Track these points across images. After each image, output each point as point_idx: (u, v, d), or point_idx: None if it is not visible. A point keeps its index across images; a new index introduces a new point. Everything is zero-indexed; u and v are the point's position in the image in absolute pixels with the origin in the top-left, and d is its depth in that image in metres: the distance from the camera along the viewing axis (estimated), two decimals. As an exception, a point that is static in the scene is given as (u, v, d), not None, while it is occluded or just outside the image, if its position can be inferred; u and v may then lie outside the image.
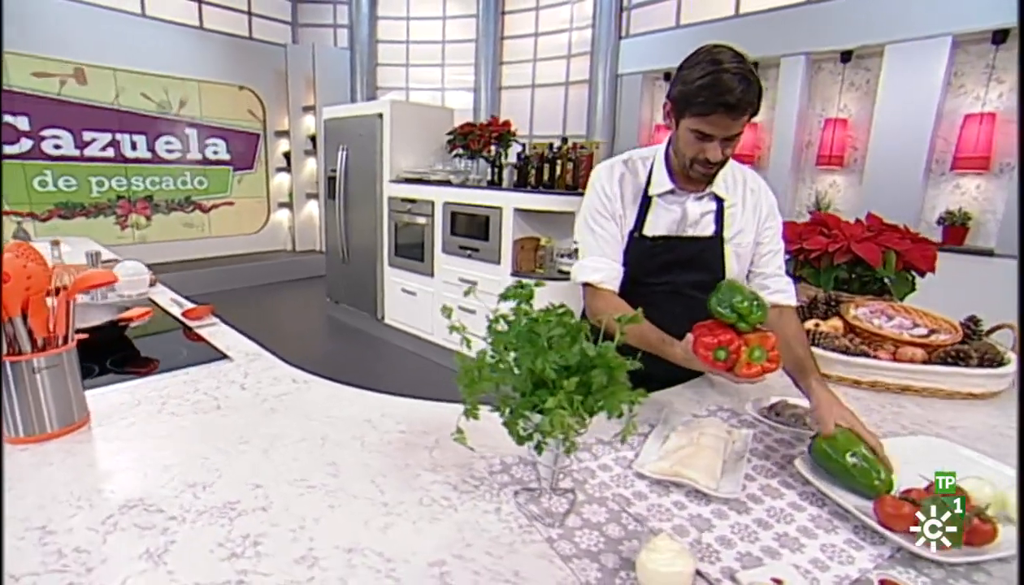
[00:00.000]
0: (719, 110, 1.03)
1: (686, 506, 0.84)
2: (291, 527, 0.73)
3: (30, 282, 0.86)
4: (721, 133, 1.08)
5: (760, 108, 1.11)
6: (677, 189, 1.24)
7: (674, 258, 1.26)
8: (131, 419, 1.02)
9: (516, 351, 0.70)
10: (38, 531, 0.70)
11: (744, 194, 1.27)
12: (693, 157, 1.13)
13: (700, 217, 1.25)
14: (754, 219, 1.27)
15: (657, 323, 1.10)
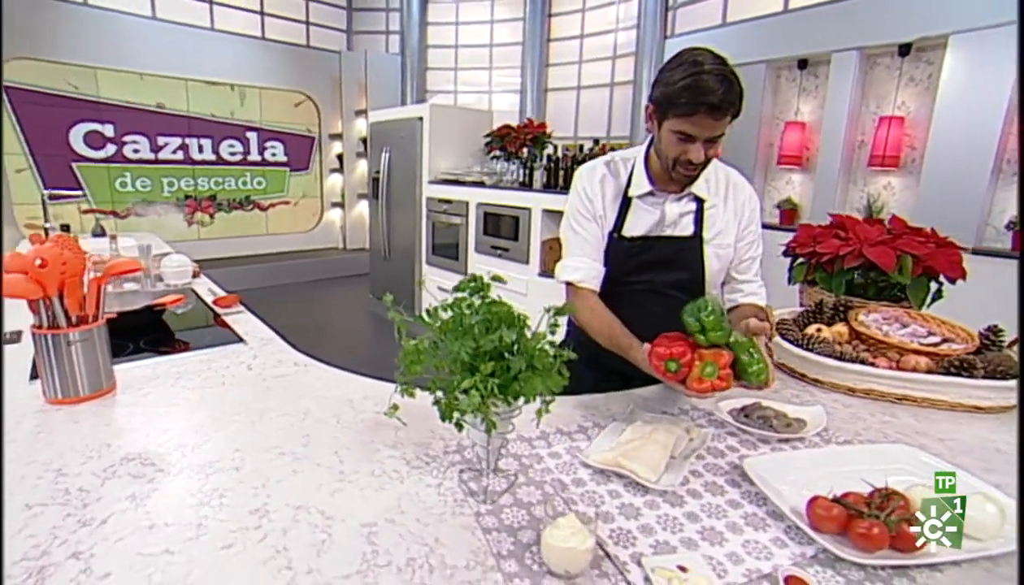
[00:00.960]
0: (701, 110, 1.05)
1: (621, 495, 0.88)
2: (254, 485, 0.83)
3: (65, 268, 1.02)
4: (703, 134, 1.09)
5: (741, 110, 1.13)
6: (656, 190, 1.25)
7: (653, 258, 1.28)
8: (148, 390, 1.17)
9: (448, 337, 0.77)
10: (54, 473, 0.84)
11: (726, 194, 1.28)
12: (676, 158, 1.14)
13: (679, 217, 1.26)
14: (735, 220, 1.28)
15: (637, 322, 1.15)
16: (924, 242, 1.71)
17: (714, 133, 1.11)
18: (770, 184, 4.97)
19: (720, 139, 1.14)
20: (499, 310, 0.77)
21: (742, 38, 4.77)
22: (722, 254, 1.28)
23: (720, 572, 0.72)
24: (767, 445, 1.08)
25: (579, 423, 1.11)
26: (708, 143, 1.12)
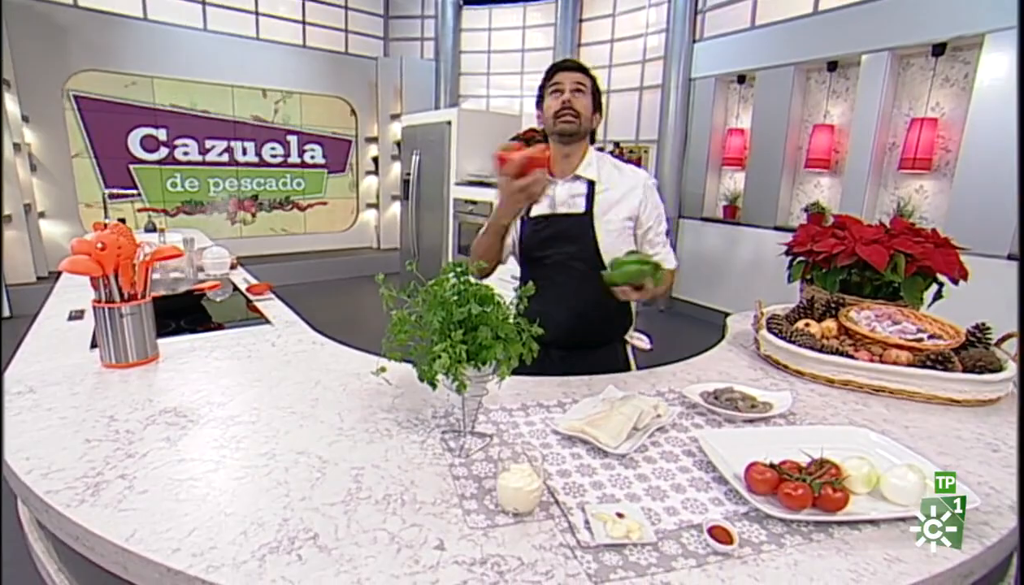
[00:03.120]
0: (561, 66, 1.45)
1: (582, 457, 0.99)
2: (266, 434, 0.98)
3: (120, 251, 1.20)
4: (567, 81, 1.42)
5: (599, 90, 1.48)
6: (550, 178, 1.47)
7: (552, 233, 1.50)
8: (186, 359, 1.35)
9: (426, 309, 0.90)
10: (107, 418, 1.02)
11: (618, 181, 1.50)
12: (556, 111, 1.43)
13: (571, 198, 1.49)
14: (628, 204, 1.49)
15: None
16: (920, 242, 1.73)
17: (575, 80, 1.43)
18: (798, 187, 4.91)
19: (584, 91, 1.44)
20: (474, 289, 0.90)
21: (771, 41, 4.75)
22: (612, 230, 1.47)
23: (654, 520, 0.82)
24: (732, 425, 1.17)
25: (559, 399, 1.22)
26: (575, 92, 1.42)
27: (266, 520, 0.75)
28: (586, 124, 1.45)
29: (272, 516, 0.76)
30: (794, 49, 4.58)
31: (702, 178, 5.52)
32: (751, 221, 5.06)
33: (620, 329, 1.64)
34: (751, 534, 0.80)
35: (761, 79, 4.89)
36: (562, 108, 1.41)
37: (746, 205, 5.15)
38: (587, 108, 1.44)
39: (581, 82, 1.43)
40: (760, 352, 1.62)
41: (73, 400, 1.09)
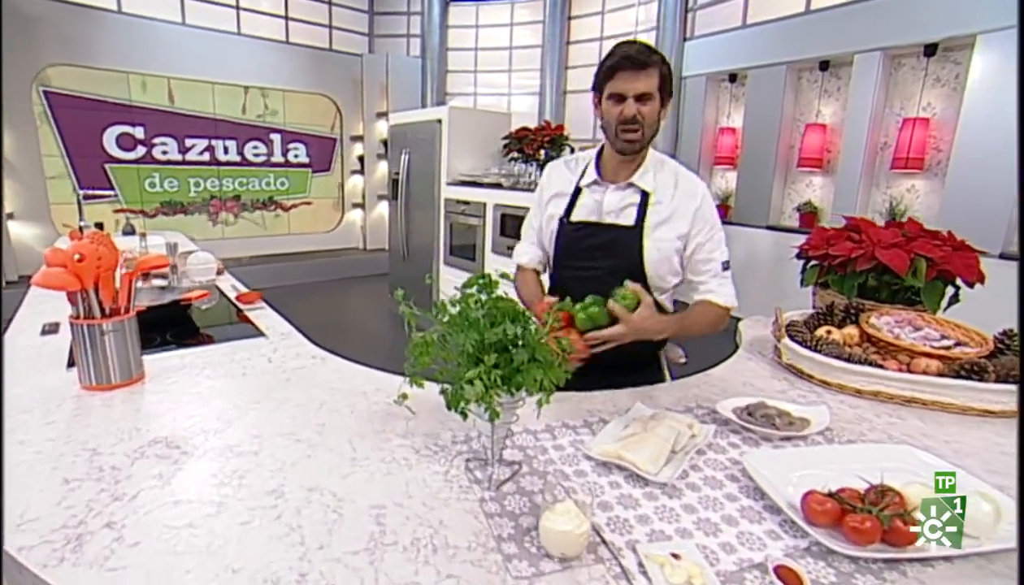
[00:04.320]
0: (623, 65, 1.19)
1: (621, 486, 0.91)
2: (271, 468, 0.88)
3: (100, 262, 1.09)
4: (631, 89, 1.20)
5: (669, 73, 1.25)
6: (600, 180, 1.36)
7: (595, 243, 1.34)
8: (175, 379, 1.23)
9: (454, 330, 0.81)
10: (89, 452, 0.90)
11: (674, 192, 1.32)
12: (617, 123, 1.24)
13: (621, 207, 1.33)
14: (681, 220, 1.30)
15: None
16: (940, 245, 1.69)
17: (639, 87, 1.20)
18: (790, 187, 4.91)
19: (650, 98, 1.22)
20: (504, 305, 0.81)
21: (763, 40, 4.73)
22: (663, 247, 1.30)
23: (712, 560, 0.74)
24: (769, 443, 1.10)
25: (584, 418, 1.14)
26: (639, 101, 1.21)
27: (281, 576, 0.65)
28: (651, 132, 1.26)
29: (287, 571, 0.66)
30: (786, 48, 4.57)
31: (694, 178, 5.49)
32: (743, 220, 5.05)
33: (658, 344, 1.48)
34: (818, 573, 0.73)
35: (753, 78, 4.87)
36: (624, 123, 1.23)
37: (738, 204, 5.14)
38: (654, 113, 1.23)
39: (647, 89, 1.20)
40: (782, 361, 1.56)
41: (49, 430, 0.98)
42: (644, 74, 1.19)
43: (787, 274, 4.80)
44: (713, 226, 1.33)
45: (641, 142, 1.26)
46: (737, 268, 5.09)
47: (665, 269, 1.33)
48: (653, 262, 1.30)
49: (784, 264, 4.73)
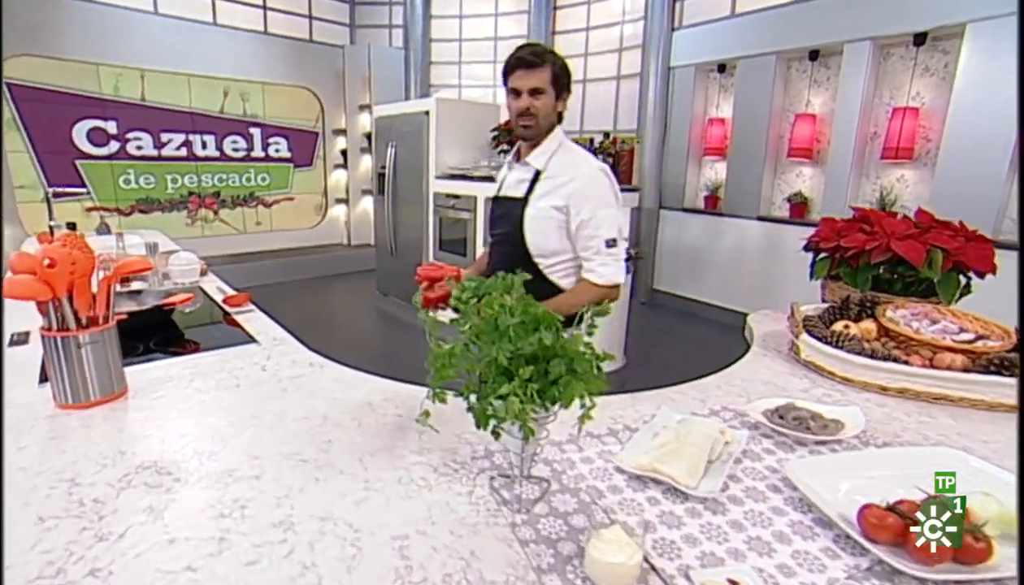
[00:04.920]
0: (518, 64, 1.36)
1: (660, 502, 0.84)
2: (277, 495, 0.79)
3: (75, 267, 0.98)
4: (524, 85, 1.36)
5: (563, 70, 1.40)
6: (513, 163, 1.53)
7: (498, 214, 1.56)
8: (162, 393, 1.13)
9: (481, 340, 0.72)
10: (67, 483, 0.80)
11: (561, 172, 1.42)
12: (515, 114, 1.41)
13: (517, 183, 1.49)
14: (560, 192, 1.40)
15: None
16: (953, 236, 1.66)
17: (531, 83, 1.36)
18: (780, 177, 4.90)
19: (542, 92, 1.37)
20: (536, 311, 0.73)
21: (752, 29, 4.69)
22: (537, 215, 1.42)
23: (772, 586, 0.68)
24: (804, 447, 1.04)
25: (608, 426, 1.07)
26: (532, 95, 1.37)
27: (299, 630, 0.57)
28: (546, 121, 1.41)
29: (305, 622, 0.58)
30: (776, 38, 4.54)
31: (683, 168, 5.46)
32: (733, 211, 5.03)
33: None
34: (883, 598, 0.67)
35: (742, 68, 4.84)
36: (520, 114, 1.40)
37: (728, 195, 5.12)
38: (547, 105, 1.39)
39: (538, 84, 1.36)
40: (800, 358, 1.50)
41: (21, 457, 0.87)
42: (536, 72, 1.35)
43: (778, 265, 4.80)
44: (597, 204, 1.39)
45: (536, 130, 1.41)
46: (727, 259, 5.05)
47: (541, 237, 1.43)
48: (530, 230, 1.43)
49: (775, 255, 4.73)
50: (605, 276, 1.40)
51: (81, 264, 0.99)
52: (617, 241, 1.41)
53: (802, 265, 4.84)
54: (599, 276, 1.40)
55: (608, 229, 1.40)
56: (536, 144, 1.45)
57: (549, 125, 1.42)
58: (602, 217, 1.39)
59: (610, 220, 1.40)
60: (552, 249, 1.44)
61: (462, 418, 1.04)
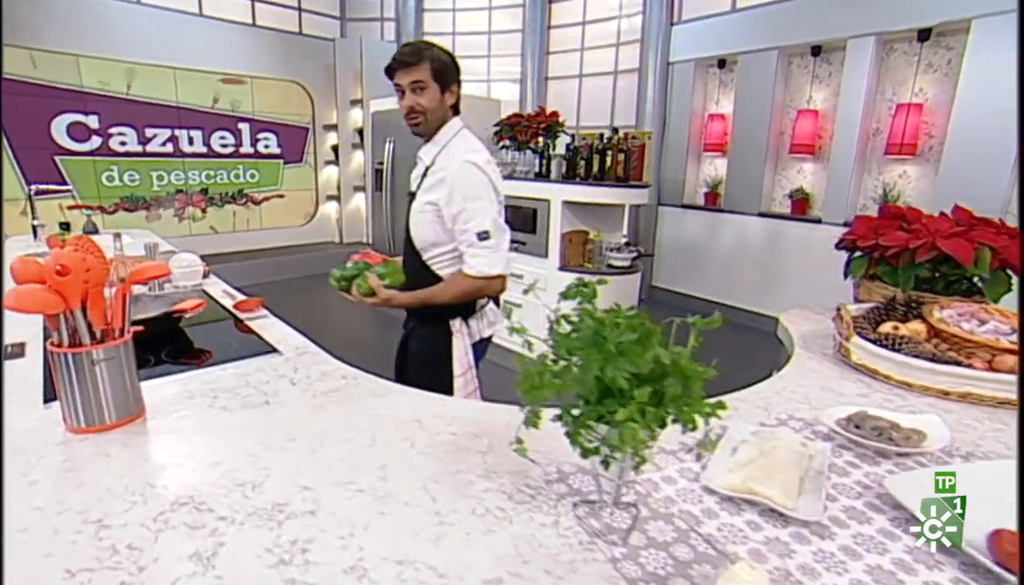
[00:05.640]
0: (397, 65, 1.40)
1: (761, 527, 0.76)
2: (340, 534, 0.69)
3: (89, 275, 0.86)
4: (406, 82, 1.40)
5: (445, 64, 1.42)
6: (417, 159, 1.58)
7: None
8: (183, 412, 1.02)
9: (580, 356, 0.64)
10: (95, 525, 0.70)
11: (443, 167, 1.44)
12: (404, 114, 1.45)
13: (416, 177, 1.55)
14: (437, 189, 1.43)
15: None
16: (997, 233, 1.61)
17: (412, 78, 1.39)
18: (780, 174, 4.89)
19: (424, 87, 1.40)
20: (643, 324, 0.64)
21: (753, 24, 4.66)
22: (417, 210, 1.48)
23: (918, 630, 0.60)
24: (887, 460, 0.97)
25: (678, 439, 0.99)
26: (415, 92, 1.41)
27: None
28: (434, 116, 1.44)
29: None
30: (777, 33, 4.51)
31: (682, 165, 5.43)
32: (734, 208, 5.01)
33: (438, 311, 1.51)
34: (1040, 638, 0.59)
35: (743, 63, 4.80)
36: (407, 113, 1.43)
37: (728, 191, 5.09)
38: (432, 100, 1.42)
39: (418, 79, 1.40)
40: (850, 361, 1.44)
41: (34, 494, 0.76)
42: (415, 69, 1.38)
43: (779, 261, 4.79)
44: (466, 197, 1.40)
45: (425, 126, 1.45)
46: (727, 255, 5.01)
47: (421, 232, 1.48)
48: (413, 222, 1.49)
49: (776, 251, 4.71)
50: (476, 268, 1.41)
51: (95, 271, 0.88)
52: (491, 233, 1.41)
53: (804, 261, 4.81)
54: (471, 268, 1.41)
55: (479, 222, 1.40)
56: (430, 139, 1.48)
57: (440, 119, 1.46)
58: (472, 210, 1.39)
59: (481, 213, 1.40)
60: (431, 241, 1.47)
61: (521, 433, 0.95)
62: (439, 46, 1.45)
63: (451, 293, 1.44)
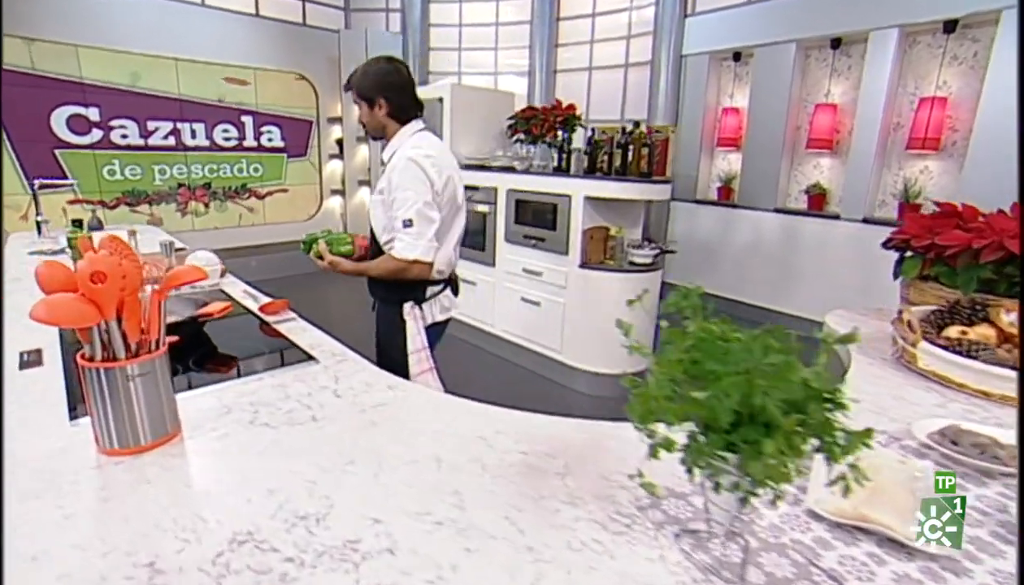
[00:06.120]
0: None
1: (885, 561, 0.68)
2: (427, 577, 0.61)
3: (125, 281, 0.77)
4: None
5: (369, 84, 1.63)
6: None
7: None
8: (222, 430, 0.93)
9: (709, 378, 0.55)
10: (147, 569, 0.61)
11: (393, 165, 1.61)
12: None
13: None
14: (384, 182, 1.63)
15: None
16: (1064, 231, 1.53)
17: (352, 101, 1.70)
18: (796, 169, 4.80)
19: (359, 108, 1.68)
20: (780, 341, 0.56)
21: (770, 16, 4.56)
22: (373, 199, 1.69)
23: None
24: (993, 480, 0.90)
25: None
26: (355, 106, 1.71)
27: None
28: (374, 126, 1.67)
29: None
30: (795, 25, 4.41)
31: (695, 160, 5.34)
32: (749, 203, 4.93)
33: (393, 293, 1.70)
34: None
35: (759, 56, 4.71)
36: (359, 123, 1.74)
37: (743, 187, 5.01)
38: (366, 115, 1.66)
39: (354, 101, 1.68)
40: (915, 366, 1.37)
41: (71, 529, 0.67)
42: (349, 93, 1.67)
43: (795, 257, 4.71)
44: (398, 188, 1.57)
45: (372, 132, 1.70)
46: (741, 251, 4.91)
47: (375, 219, 1.69)
48: (371, 212, 1.71)
49: (792, 247, 4.63)
50: (398, 251, 1.57)
51: (131, 278, 0.79)
52: (414, 222, 1.56)
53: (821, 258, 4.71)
54: (395, 251, 1.58)
55: (405, 211, 1.56)
56: (387, 142, 1.69)
57: (380, 127, 1.66)
58: (400, 199, 1.57)
59: (407, 203, 1.56)
60: (383, 227, 1.66)
61: (601, 452, 0.87)
62: (371, 63, 1.65)
63: (379, 269, 1.63)
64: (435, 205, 1.59)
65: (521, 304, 3.53)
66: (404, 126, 1.66)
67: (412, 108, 1.68)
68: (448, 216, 1.68)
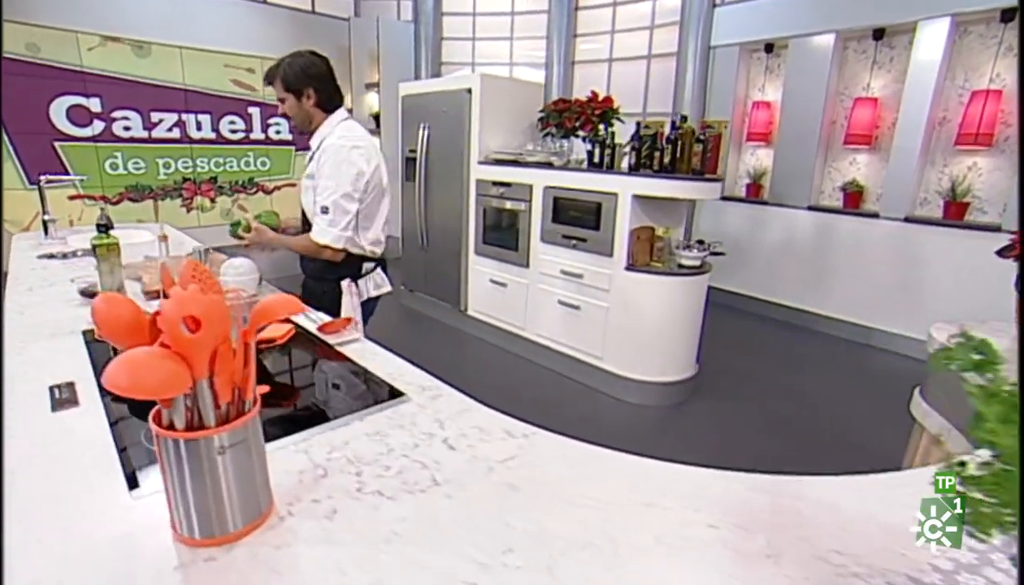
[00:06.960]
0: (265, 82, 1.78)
1: None
2: None
3: (220, 328, 0.57)
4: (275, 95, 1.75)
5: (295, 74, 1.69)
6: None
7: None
8: (325, 503, 0.73)
9: None
10: None
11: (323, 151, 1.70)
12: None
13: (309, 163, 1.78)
14: (312, 168, 1.74)
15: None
16: None
17: (276, 94, 1.74)
18: (831, 165, 4.63)
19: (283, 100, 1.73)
20: None
21: (807, 6, 4.36)
22: (304, 184, 1.78)
23: None
24: None
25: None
26: (281, 102, 1.74)
27: None
28: (301, 118, 1.74)
29: None
30: (835, 15, 4.22)
31: (723, 155, 5.14)
32: (780, 201, 4.75)
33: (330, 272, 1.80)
34: None
35: (794, 48, 4.51)
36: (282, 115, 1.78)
37: (774, 183, 4.82)
38: (292, 107, 1.72)
39: (278, 95, 1.72)
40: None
41: None
42: (273, 86, 1.72)
43: (830, 257, 4.53)
44: (320, 175, 1.69)
45: (297, 124, 1.77)
46: (776, 250, 4.69)
47: (305, 203, 1.79)
48: (302, 196, 1.80)
49: (827, 246, 4.46)
50: (313, 234, 1.71)
51: (223, 320, 0.59)
52: (329, 210, 1.67)
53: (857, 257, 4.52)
54: (312, 233, 1.71)
55: (324, 198, 1.67)
56: (313, 132, 1.76)
57: (307, 118, 1.73)
58: (322, 187, 1.68)
59: (327, 191, 1.67)
60: (312, 211, 1.75)
61: (798, 520, 0.69)
62: (297, 55, 1.69)
63: (298, 246, 1.77)
64: (354, 198, 1.67)
65: (558, 307, 3.34)
66: (330, 115, 1.75)
67: (336, 97, 1.75)
68: (375, 200, 1.77)
